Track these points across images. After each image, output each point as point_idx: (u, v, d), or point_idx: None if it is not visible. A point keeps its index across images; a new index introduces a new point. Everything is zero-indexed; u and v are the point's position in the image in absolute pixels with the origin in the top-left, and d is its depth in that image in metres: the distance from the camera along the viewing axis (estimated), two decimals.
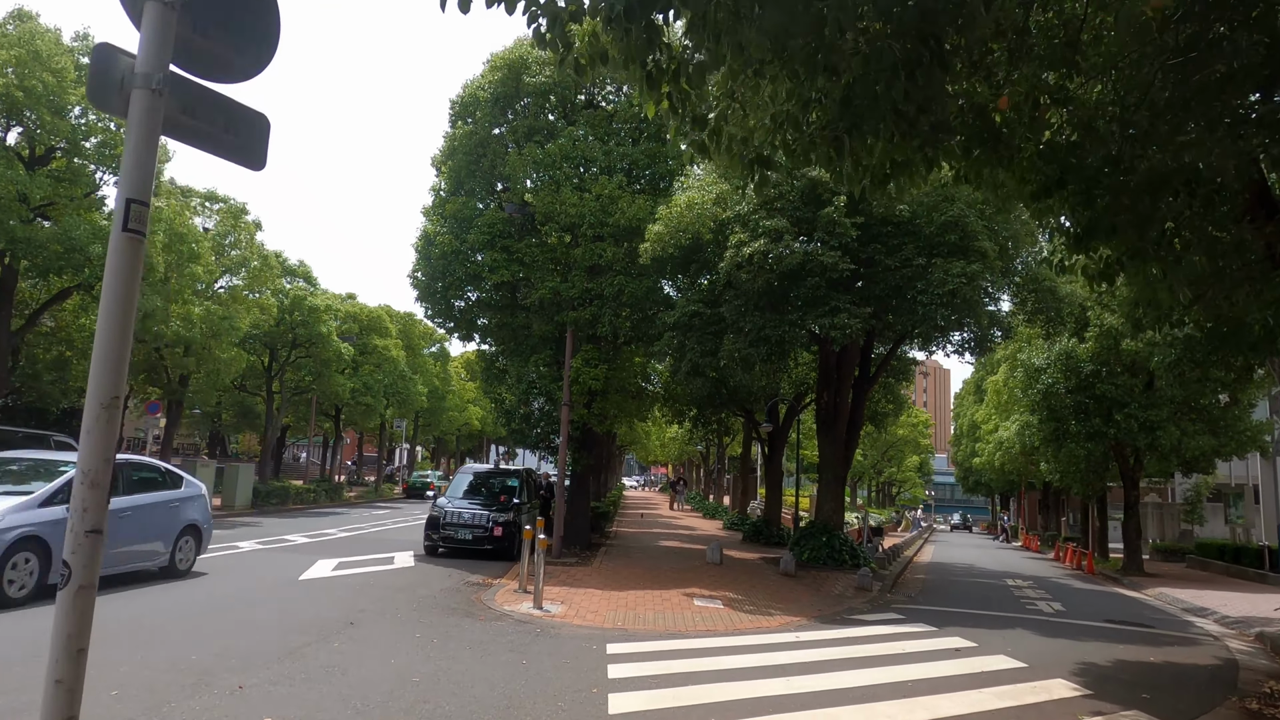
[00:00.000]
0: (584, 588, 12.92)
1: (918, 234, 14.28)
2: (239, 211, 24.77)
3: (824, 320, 13.83)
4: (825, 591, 14.75)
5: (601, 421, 17.71)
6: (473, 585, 12.85)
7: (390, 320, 43.16)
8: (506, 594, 11.99)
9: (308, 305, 30.63)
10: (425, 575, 13.68)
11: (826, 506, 18.32)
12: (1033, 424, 24.94)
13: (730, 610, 11.77)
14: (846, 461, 18.88)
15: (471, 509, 16.82)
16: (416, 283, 18.18)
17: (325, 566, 13.83)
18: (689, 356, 15.56)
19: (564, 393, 16.84)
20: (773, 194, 13.88)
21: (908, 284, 14.04)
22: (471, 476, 18.95)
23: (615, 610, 11.11)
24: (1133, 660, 9.89)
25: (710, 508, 39.18)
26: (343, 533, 21.13)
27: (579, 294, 16.61)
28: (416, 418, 52.40)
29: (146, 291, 18.33)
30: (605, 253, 16.44)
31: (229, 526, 21.60)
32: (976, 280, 13.54)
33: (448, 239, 17.35)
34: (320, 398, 35.32)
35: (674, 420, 25.87)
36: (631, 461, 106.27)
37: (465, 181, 17.92)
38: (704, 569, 16.14)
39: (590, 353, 16.83)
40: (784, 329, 14.35)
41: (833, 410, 18.61)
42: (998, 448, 36.49)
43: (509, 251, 17.35)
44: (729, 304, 15.21)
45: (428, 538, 16.70)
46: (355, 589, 11.63)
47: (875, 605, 13.76)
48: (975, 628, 11.67)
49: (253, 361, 32.33)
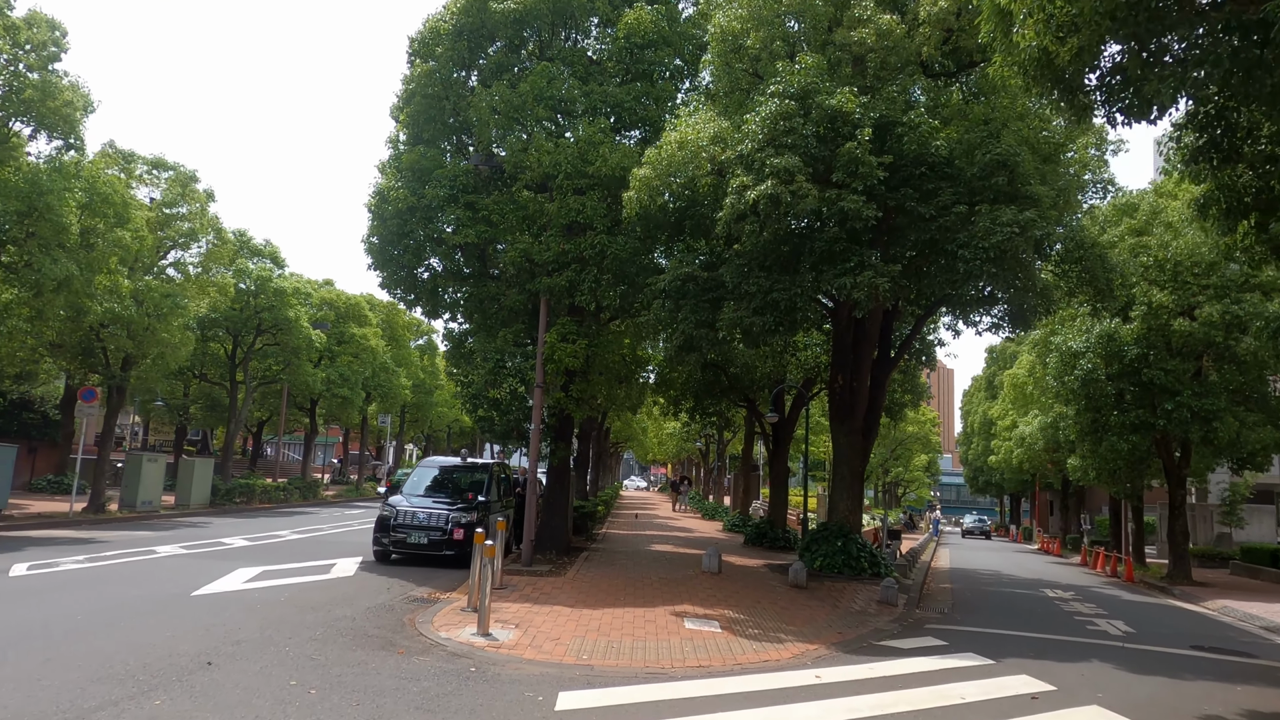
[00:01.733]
0: (550, 604, 10.50)
1: (957, 177, 11.84)
2: (188, 179, 22.34)
3: (844, 279, 11.37)
4: (844, 607, 12.32)
5: (580, 406, 15.28)
6: (413, 602, 10.42)
7: (371, 310, 40.76)
8: (450, 614, 9.57)
9: (273, 287, 28.23)
10: (360, 588, 11.26)
11: (842, 506, 15.88)
12: (1067, 415, 22.48)
13: (729, 635, 9.34)
14: (864, 454, 16.45)
15: (428, 508, 14.40)
16: (370, 248, 15.74)
17: (240, 577, 11.42)
18: (682, 328, 13.13)
19: (537, 372, 14.42)
20: (783, 127, 11.43)
21: (945, 236, 11.60)
22: (434, 471, 16.52)
23: (583, 637, 8.68)
24: (1270, 712, 7.45)
25: (709, 508, 36.74)
26: (295, 535, 18.75)
27: (554, 257, 14.18)
28: (403, 413, 50.03)
29: (59, 255, 15.91)
30: (585, 207, 14.01)
31: (167, 527, 19.21)
32: (1030, 231, 11.09)
33: (403, 194, 14.93)
34: (292, 389, 32.91)
35: (669, 411, 23.43)
36: (631, 461, 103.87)
37: (425, 129, 15.48)
38: (699, 579, 13.72)
39: (567, 326, 14.40)
40: (795, 292, 11.91)
41: (849, 396, 16.17)
42: (1019, 444, 34.03)
43: (474, 209, 14.93)
44: (729, 265, 12.78)
45: (377, 542, 14.29)
46: (254, 608, 9.21)
47: (906, 626, 11.33)
48: (1039, 659, 9.23)
49: (214, 349, 29.95)
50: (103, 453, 21.90)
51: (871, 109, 11.66)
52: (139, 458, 23.16)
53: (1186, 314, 19.13)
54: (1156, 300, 19.01)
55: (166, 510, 23.89)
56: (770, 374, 21.50)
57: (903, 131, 11.63)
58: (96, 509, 21.21)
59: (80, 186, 16.58)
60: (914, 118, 11.67)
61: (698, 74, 16.55)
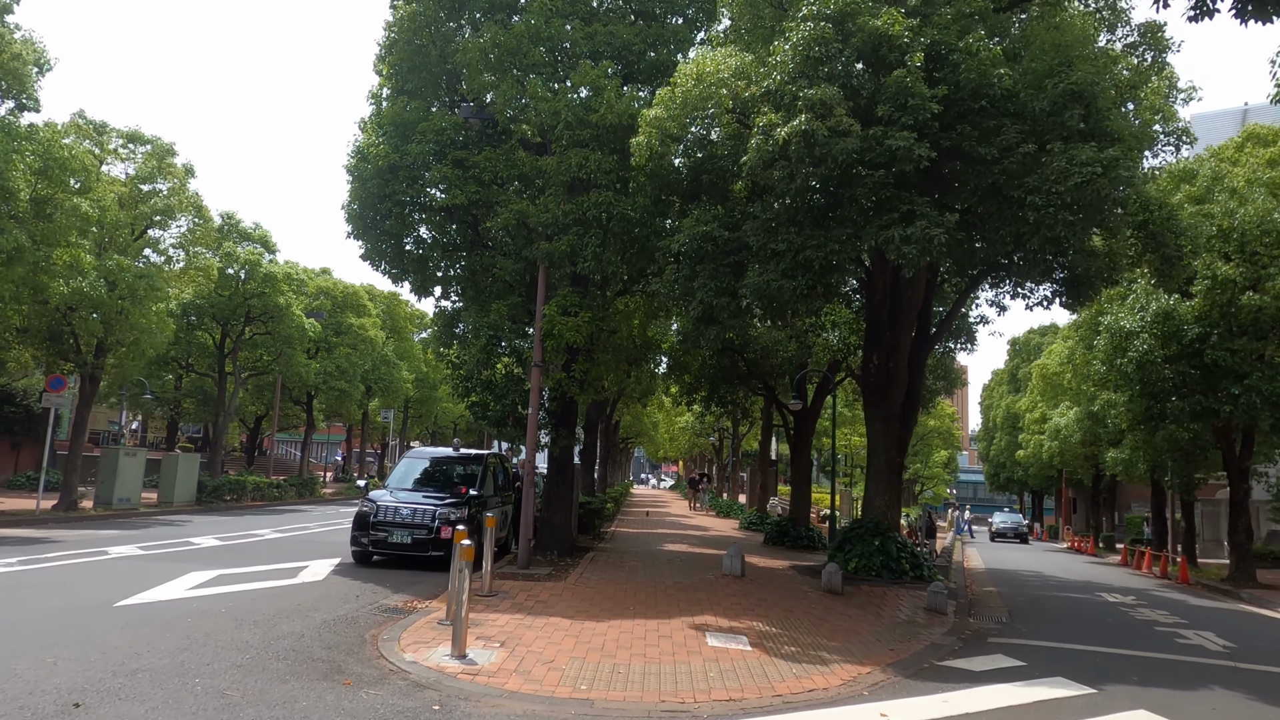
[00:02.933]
0: (547, 615, 8.83)
1: (1023, 112, 10.07)
2: (165, 151, 20.80)
3: (891, 232, 9.63)
4: (888, 617, 10.60)
5: (584, 389, 13.61)
6: (383, 613, 8.78)
7: (371, 300, 39.27)
8: (424, 629, 7.91)
9: (263, 272, 26.69)
10: (324, 596, 9.63)
11: (878, 501, 14.14)
12: (1117, 403, 20.63)
13: (762, 655, 7.65)
14: (902, 444, 14.71)
15: (413, 503, 12.77)
16: (350, 214, 14.11)
17: (186, 583, 9.82)
18: (699, 296, 11.41)
19: (535, 349, 12.76)
20: (818, 54, 9.71)
21: (1010, 181, 9.84)
22: (423, 462, 14.90)
23: (583, 659, 7.02)
24: None
25: (724, 505, 35.00)
26: (276, 534, 17.19)
27: (553, 219, 12.50)
28: (406, 408, 48.55)
29: (8, 225, 14.37)
30: (588, 162, 12.33)
31: (138, 525, 17.68)
32: (1115, 171, 9.33)
33: (384, 150, 13.31)
34: (285, 380, 31.40)
35: (683, 399, 21.74)
36: (641, 459, 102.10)
37: (409, 80, 13.83)
38: (720, 584, 12.02)
39: (569, 298, 12.73)
40: (832, 249, 10.19)
41: (884, 378, 14.42)
42: (1053, 437, 32.16)
43: (464, 167, 13.29)
44: (753, 221, 11.06)
45: (355, 541, 12.67)
46: (180, 623, 7.58)
47: (967, 640, 9.61)
48: (1146, 685, 7.50)
49: (200, 338, 28.47)
50: (74, 447, 20.40)
51: (922, 34, 9.92)
52: (115, 452, 21.66)
53: (1255, 288, 17.27)
54: (1222, 273, 17.15)
55: (147, 508, 22.40)
56: (792, 358, 19.76)
57: (959, 59, 9.88)
58: (67, 506, 19.74)
59: (33, 150, 15.04)
60: (972, 43, 9.92)
61: (714, 21, 14.86)
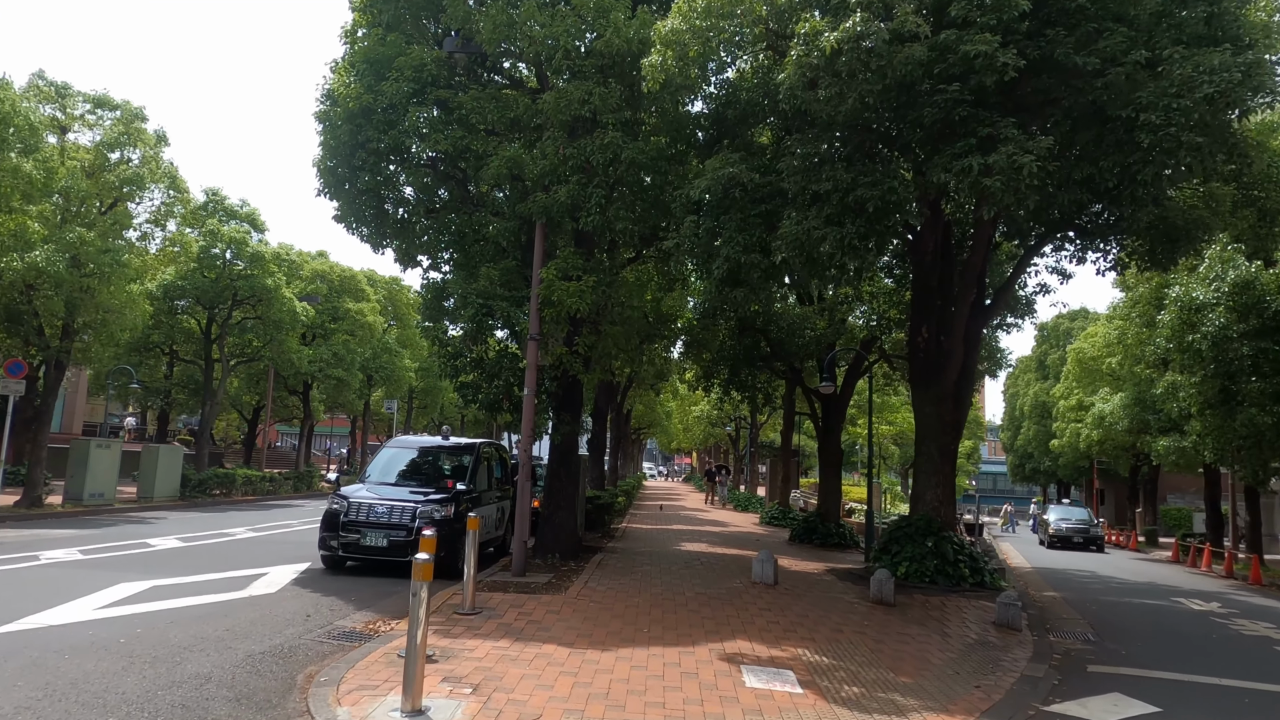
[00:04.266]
0: (539, 642, 7.01)
1: (1128, 15, 8.09)
2: (133, 115, 19.04)
3: (968, 162, 7.69)
4: (957, 636, 8.74)
5: (590, 367, 11.77)
6: (333, 640, 6.98)
7: (371, 285, 37.57)
8: (376, 666, 6.10)
9: (249, 251, 24.95)
10: (268, 614, 7.84)
11: (929, 495, 12.23)
12: (1186, 384, 18.56)
13: (818, 698, 5.80)
14: (956, 429, 12.78)
15: (391, 499, 10.96)
16: (321, 168, 12.32)
17: (106, 598, 8.09)
18: (724, 253, 9.53)
19: (531, 319, 10.91)
20: None
21: (1115, 98, 7.88)
22: (408, 452, 13.12)
23: (582, 711, 5.19)
24: None
25: (742, 499, 33.14)
26: (250, 533, 15.51)
27: (551, 167, 10.64)
28: (410, 398, 46.92)
29: None
30: (592, 97, 10.44)
31: (100, 524, 16.00)
32: (1256, 78, 7.37)
33: (356, 90, 11.48)
34: (277, 368, 29.74)
35: (700, 384, 19.86)
36: (654, 450, 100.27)
37: (385, 8, 11.97)
38: (750, 594, 10.16)
39: (570, 260, 10.86)
40: (890, 186, 8.27)
41: (935, 354, 12.50)
42: (1096, 424, 30.04)
43: (447, 109, 11.46)
44: (790, 158, 9.16)
45: (324, 544, 10.88)
46: (61, 660, 5.80)
47: (1062, 670, 7.74)
48: None
49: (185, 322, 26.81)
50: (39, 438, 18.77)
51: None
52: (85, 444, 20.01)
53: None
54: None
55: (123, 504, 20.80)
56: (820, 337, 17.81)
57: None
58: (30, 503, 18.09)
59: None
60: None
61: None
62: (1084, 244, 12.96)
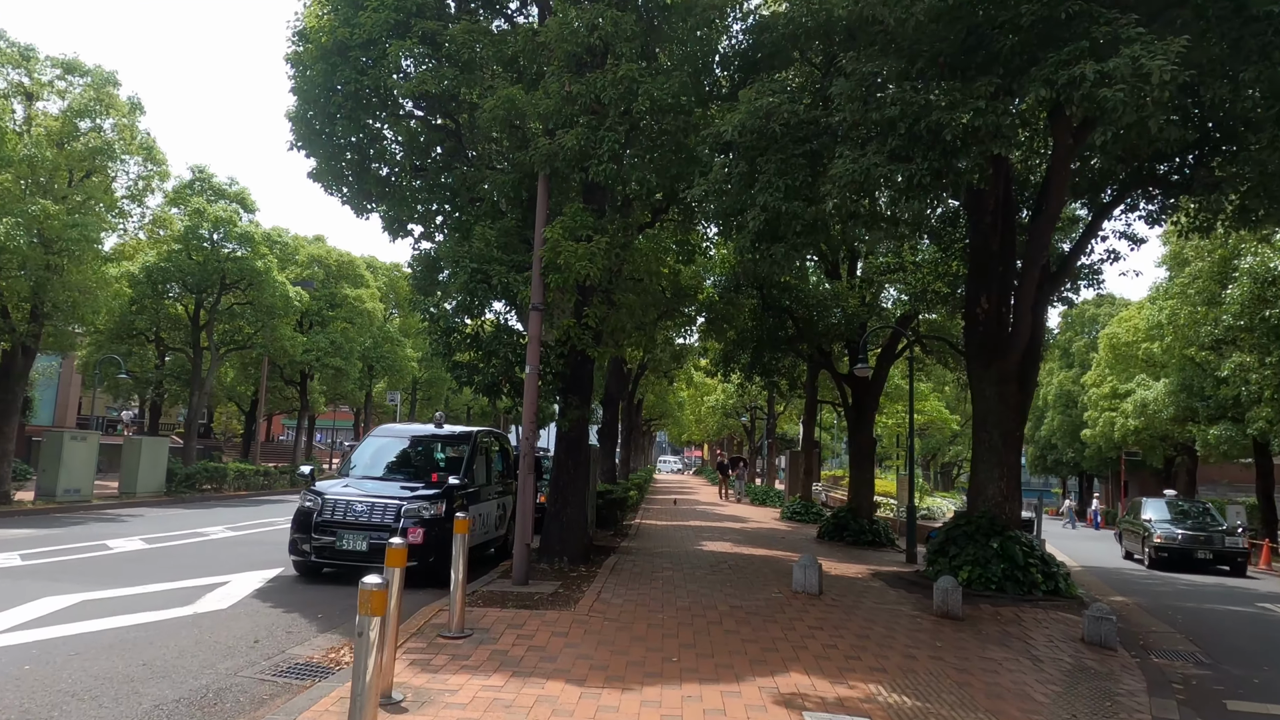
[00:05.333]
0: (540, 677, 5.49)
1: None
2: (105, 80, 17.55)
3: (1080, 69, 6.09)
4: (1050, 661, 7.19)
5: (601, 342, 10.24)
6: (278, 677, 5.48)
7: (371, 271, 36.15)
8: (330, 717, 4.58)
9: (237, 232, 23.49)
10: (205, 640, 6.35)
11: (991, 489, 10.65)
12: (1255, 365, 16.87)
13: None
14: (1021, 413, 11.19)
15: (371, 495, 9.47)
16: (296, 120, 10.80)
17: (17, 616, 6.68)
18: (760, 200, 7.95)
19: (533, 287, 9.37)
20: None
21: None
22: (397, 442, 11.61)
23: None
24: None
25: (759, 492, 31.57)
26: (228, 533, 14.10)
27: (556, 108, 9.09)
28: (414, 390, 45.50)
29: None
30: (601, 22, 8.88)
31: (66, 523, 14.58)
32: None
33: (330, 23, 9.96)
34: (271, 356, 28.32)
35: (719, 369, 18.27)
36: (663, 443, 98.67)
37: None
38: (794, 607, 8.61)
39: (579, 217, 9.30)
40: (975, 107, 6.67)
41: (998, 326, 10.89)
42: (1137, 412, 28.32)
43: (434, 44, 9.92)
44: (844, 81, 7.55)
45: (294, 547, 9.41)
46: None
47: (1203, 711, 6.17)
48: None
49: (170, 308, 25.39)
50: (4, 429, 17.37)
51: None
52: (59, 436, 18.63)
53: None
54: None
55: (102, 500, 19.44)
56: (852, 316, 16.20)
57: None
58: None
59: None
60: None
61: None
62: (1166, 200, 11.33)
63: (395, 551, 5.10)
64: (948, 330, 18.94)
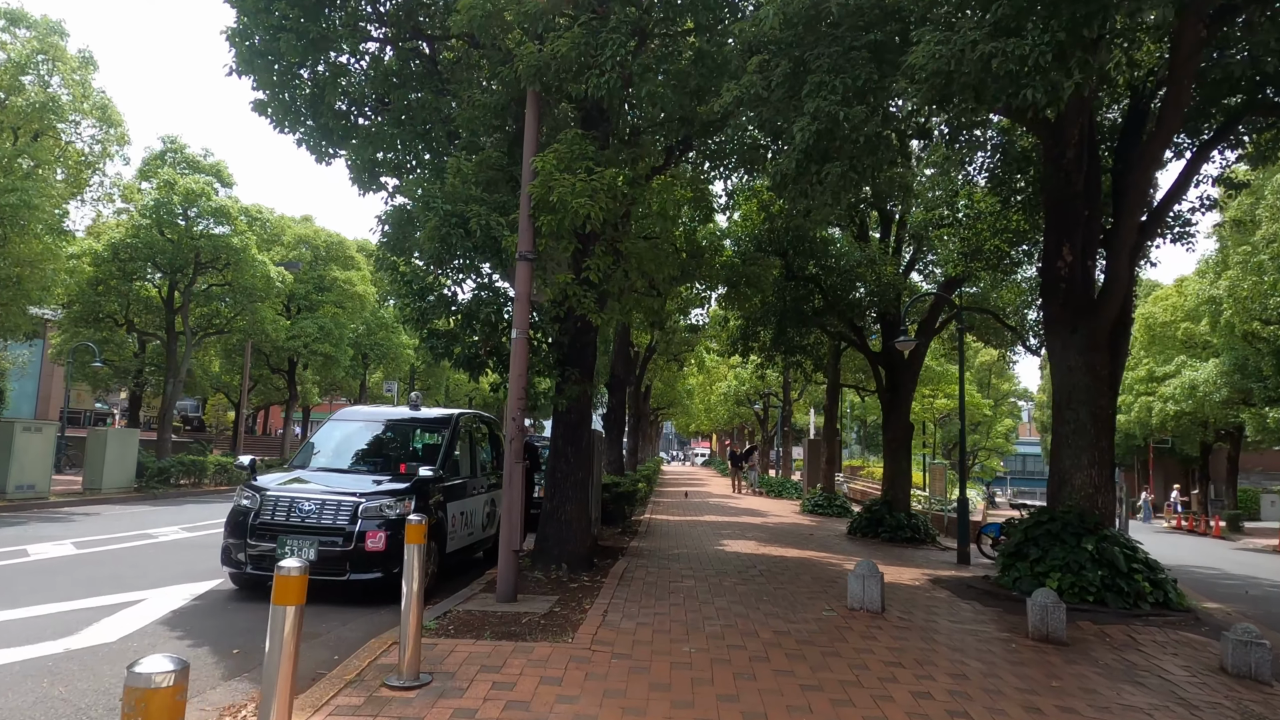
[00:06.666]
0: None
1: None
2: (50, 29, 15.73)
3: None
4: (1207, 710, 5.35)
5: (603, 302, 8.40)
6: None
7: (363, 254, 34.32)
8: None
9: (212, 206, 21.67)
10: (61, 692, 4.56)
11: (1080, 477, 8.79)
12: None
13: None
14: (1113, 386, 9.34)
15: (321, 492, 7.65)
16: (234, 38, 8.96)
17: None
18: (811, 106, 6.09)
19: (520, 231, 7.52)
20: None
21: None
22: (362, 428, 9.80)
23: None
24: None
25: (774, 484, 29.74)
26: (180, 534, 12.43)
27: (546, 6, 7.22)
28: (412, 379, 43.79)
29: None
30: None
31: (7, 523, 12.85)
32: None
33: None
34: (255, 343, 26.57)
35: (738, 347, 16.37)
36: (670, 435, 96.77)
37: None
38: (857, 632, 6.77)
39: (577, 144, 7.45)
40: None
41: (1082, 282, 9.02)
42: (1185, 395, 26.38)
43: None
44: None
45: (227, 556, 7.61)
46: None
47: None
48: None
49: (141, 289, 23.60)
50: None
51: None
52: (9, 427, 16.87)
53: None
54: None
55: (61, 496, 17.73)
56: (886, 287, 14.34)
57: None
58: None
59: None
60: None
61: None
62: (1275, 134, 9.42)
63: (287, 581, 3.28)
64: (989, 302, 17.08)
